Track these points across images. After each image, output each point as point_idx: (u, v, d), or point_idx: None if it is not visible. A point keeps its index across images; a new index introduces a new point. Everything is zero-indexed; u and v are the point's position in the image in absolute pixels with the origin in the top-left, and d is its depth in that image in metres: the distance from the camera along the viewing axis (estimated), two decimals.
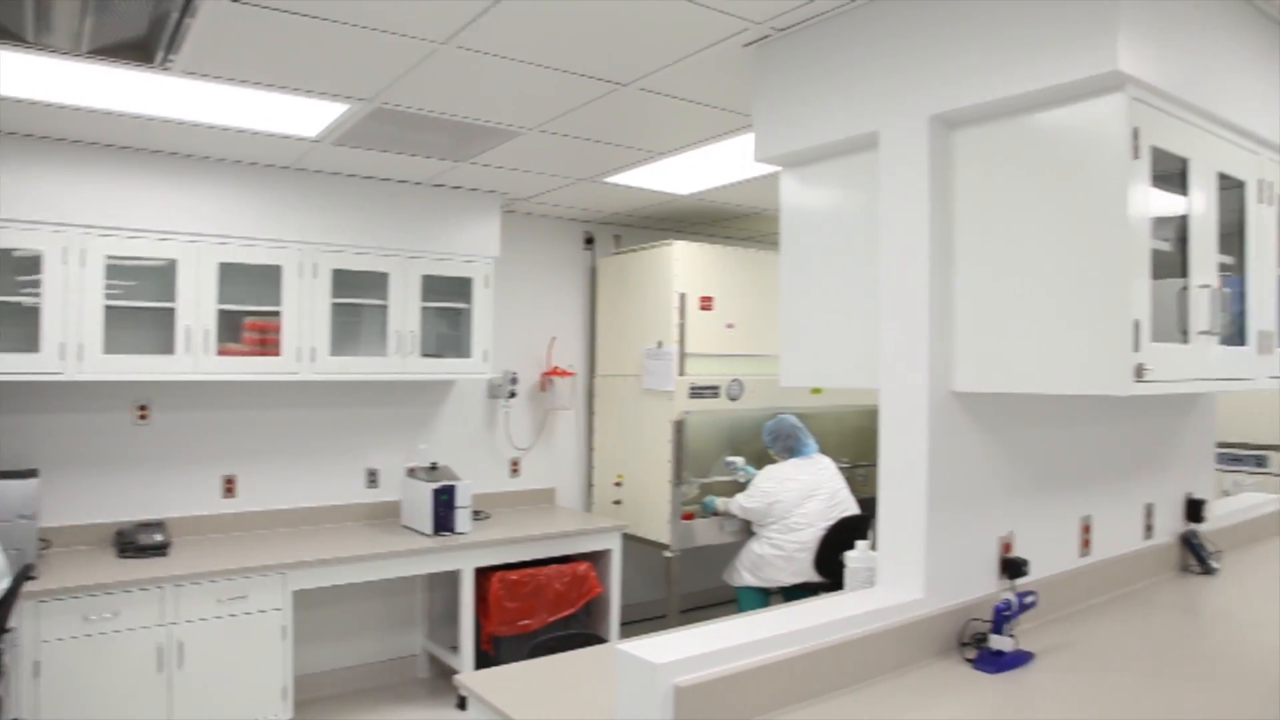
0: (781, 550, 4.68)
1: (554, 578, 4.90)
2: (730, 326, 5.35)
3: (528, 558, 4.88)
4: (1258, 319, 2.66)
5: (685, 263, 5.22)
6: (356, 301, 4.77)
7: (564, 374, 5.74)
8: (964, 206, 2.36)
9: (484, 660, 4.72)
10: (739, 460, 5.25)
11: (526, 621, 4.79)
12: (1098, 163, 2.09)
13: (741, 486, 5.04)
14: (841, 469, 5.01)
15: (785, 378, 2.86)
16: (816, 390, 5.30)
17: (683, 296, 5.17)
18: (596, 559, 5.15)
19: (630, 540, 5.35)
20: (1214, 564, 3.34)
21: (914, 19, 2.38)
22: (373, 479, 5.17)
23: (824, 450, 5.05)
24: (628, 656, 1.92)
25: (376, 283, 4.77)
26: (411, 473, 4.93)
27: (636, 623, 5.57)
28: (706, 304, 5.26)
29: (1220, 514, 3.69)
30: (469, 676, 2.45)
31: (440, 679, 5.18)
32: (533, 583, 4.83)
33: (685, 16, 2.61)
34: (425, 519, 4.69)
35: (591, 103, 3.42)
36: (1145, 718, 2.00)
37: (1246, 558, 3.60)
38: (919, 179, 2.35)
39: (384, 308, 4.79)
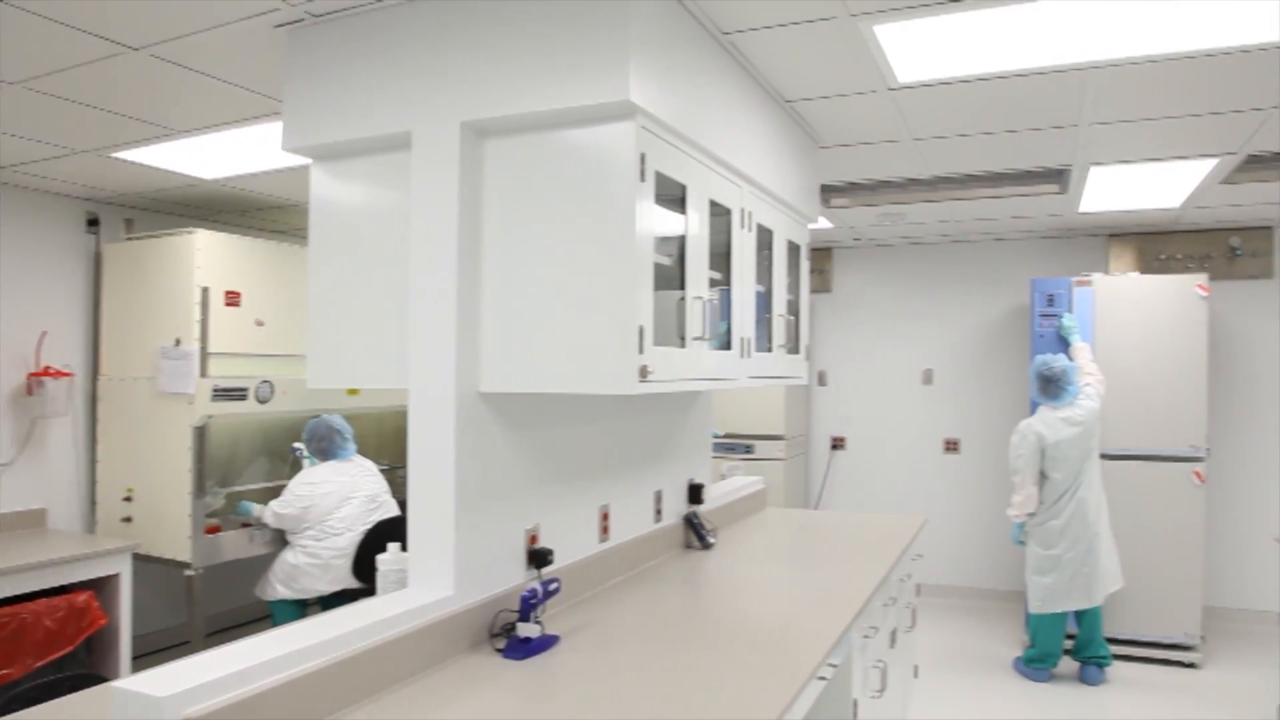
0: (317, 558, 4.50)
1: (44, 614, 4.21)
2: (260, 324, 5.01)
3: (8, 594, 4.13)
4: (740, 327, 3.11)
5: (209, 253, 4.78)
6: None
7: (58, 375, 4.96)
8: (493, 213, 2.44)
9: None
10: (304, 448, 4.93)
11: (6, 671, 4.06)
12: (610, 182, 2.29)
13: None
14: (382, 471, 4.95)
15: (313, 379, 2.74)
16: (354, 391, 5.17)
17: (205, 291, 4.73)
18: (101, 586, 4.51)
19: (144, 561, 4.78)
20: (711, 539, 3.83)
21: (450, 24, 2.41)
22: None
23: (365, 452, 4.95)
24: (125, 693, 1.71)
25: None
26: None
27: (154, 653, 5.00)
28: (233, 299, 4.87)
29: (716, 495, 4.25)
30: None
31: None
32: (14, 622, 4.10)
33: None
34: None
35: (93, 64, 2.98)
36: (655, 681, 2.23)
37: (736, 532, 4.19)
38: (449, 183, 2.38)
39: None
